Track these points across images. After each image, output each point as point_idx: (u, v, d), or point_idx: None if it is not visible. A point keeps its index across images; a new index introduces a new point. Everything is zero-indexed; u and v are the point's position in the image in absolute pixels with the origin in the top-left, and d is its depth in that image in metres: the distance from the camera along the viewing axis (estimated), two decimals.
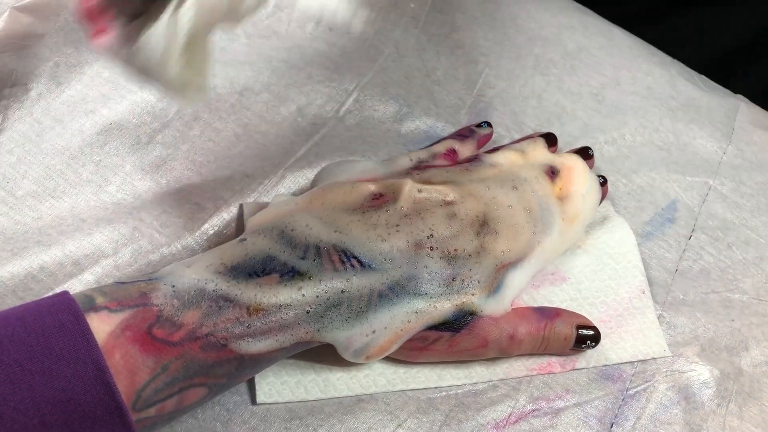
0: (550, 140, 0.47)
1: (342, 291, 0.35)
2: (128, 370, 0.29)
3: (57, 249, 0.40)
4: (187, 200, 0.43)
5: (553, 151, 0.47)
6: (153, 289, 0.32)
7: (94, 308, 0.30)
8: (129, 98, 0.46)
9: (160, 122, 0.46)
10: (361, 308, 0.35)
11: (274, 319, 0.33)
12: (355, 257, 0.36)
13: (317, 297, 0.34)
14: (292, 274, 0.34)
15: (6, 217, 0.41)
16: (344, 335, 0.35)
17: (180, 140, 0.46)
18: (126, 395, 0.29)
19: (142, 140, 0.45)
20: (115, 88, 0.47)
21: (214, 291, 0.33)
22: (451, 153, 0.45)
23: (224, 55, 0.49)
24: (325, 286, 0.35)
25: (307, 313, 0.34)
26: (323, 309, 0.34)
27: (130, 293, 0.31)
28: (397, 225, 0.38)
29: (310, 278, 0.35)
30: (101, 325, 0.29)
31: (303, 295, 0.34)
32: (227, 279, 0.33)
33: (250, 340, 0.33)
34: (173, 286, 0.32)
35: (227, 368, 0.32)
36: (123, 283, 0.32)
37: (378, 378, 0.39)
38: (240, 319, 0.32)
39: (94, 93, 0.46)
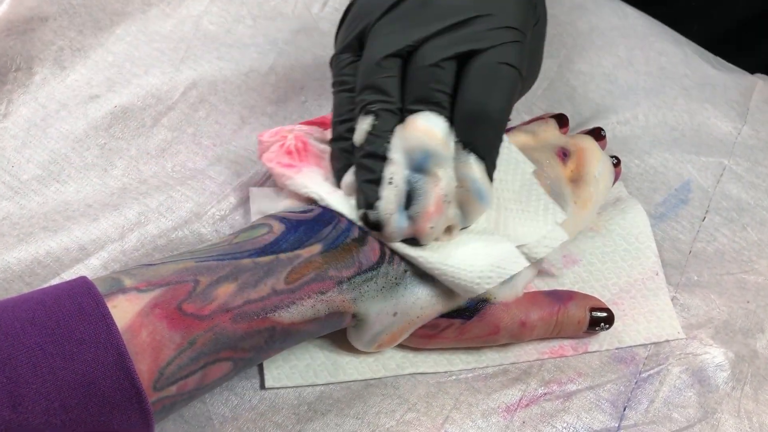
0: (562, 121, 0.46)
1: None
2: (153, 348, 0.29)
3: (63, 234, 0.39)
4: (193, 184, 0.42)
5: (565, 133, 0.46)
6: (185, 267, 0.31)
7: (122, 290, 0.30)
8: (134, 82, 0.46)
9: (165, 105, 0.45)
10: (395, 280, 0.35)
11: (312, 286, 0.33)
12: None
13: None
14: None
15: (12, 201, 0.41)
16: (375, 309, 0.35)
17: (185, 123, 0.45)
18: (148, 374, 0.29)
19: (147, 123, 0.45)
20: (120, 72, 0.46)
21: (253, 264, 0.32)
22: None
23: (229, 37, 0.49)
24: None
25: (346, 281, 0.34)
26: (362, 278, 0.34)
27: (161, 272, 0.31)
28: None
29: None
30: (129, 306, 0.29)
31: None
32: (265, 251, 0.33)
33: (284, 308, 0.32)
34: (208, 263, 0.32)
35: (256, 340, 0.32)
36: (152, 264, 0.32)
37: (387, 362, 0.38)
38: (276, 288, 0.32)
39: (98, 77, 0.46)
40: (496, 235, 0.37)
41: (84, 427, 0.27)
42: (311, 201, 0.37)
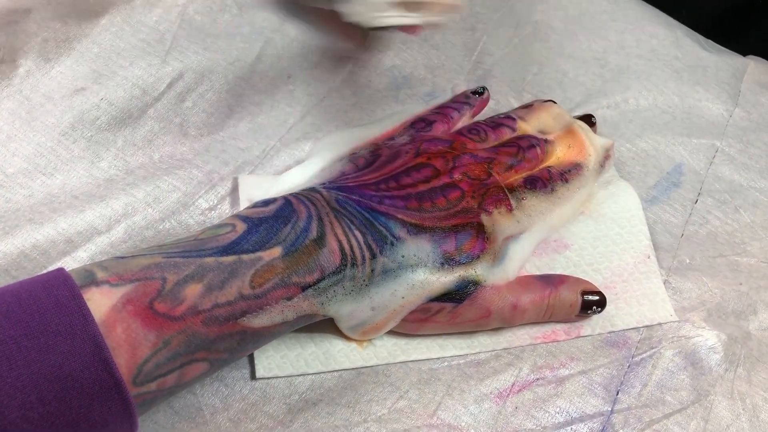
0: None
1: None
2: (130, 345, 0.28)
3: (49, 227, 0.39)
4: (181, 175, 0.42)
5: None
6: (154, 262, 0.31)
7: (95, 282, 0.29)
8: (120, 73, 0.45)
9: (152, 96, 0.45)
10: (364, 281, 0.34)
11: (277, 292, 0.33)
12: None
13: None
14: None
15: None
16: (347, 309, 0.35)
17: (172, 114, 0.45)
18: (127, 369, 0.28)
19: (133, 115, 0.44)
20: (106, 63, 0.46)
21: (216, 263, 0.32)
22: (447, 118, 0.44)
23: (215, 27, 0.48)
24: None
25: (310, 286, 0.33)
26: (327, 283, 0.34)
27: (131, 267, 0.31)
28: None
29: None
30: (102, 300, 0.29)
31: None
32: (228, 250, 0.33)
33: (253, 313, 0.32)
34: (174, 260, 0.32)
35: (229, 343, 0.32)
36: (123, 257, 0.31)
37: (379, 350, 0.38)
38: (242, 293, 0.32)
39: (84, 68, 0.45)
40: None
41: (63, 419, 0.27)
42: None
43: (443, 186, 0.38)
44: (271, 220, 0.34)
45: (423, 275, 0.35)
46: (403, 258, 0.35)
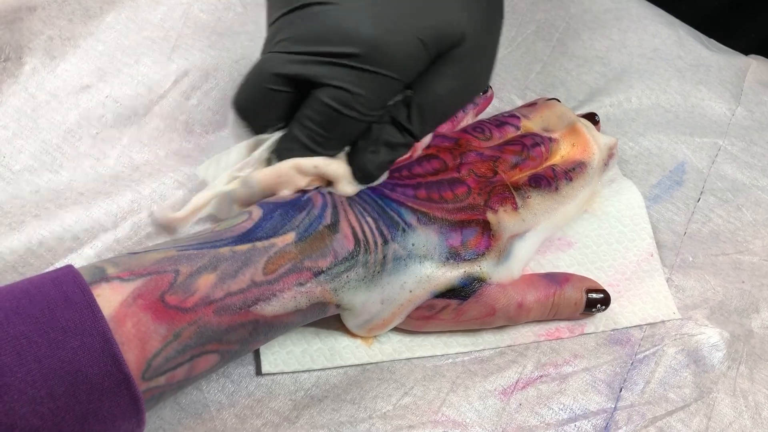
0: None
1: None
2: (139, 339, 0.29)
3: (56, 223, 0.39)
4: (186, 172, 0.42)
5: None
6: (167, 256, 0.31)
7: (106, 278, 0.29)
8: (125, 71, 0.45)
9: (157, 94, 0.45)
10: (376, 268, 0.35)
11: (290, 277, 0.33)
12: None
13: None
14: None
15: (4, 192, 0.40)
16: (360, 299, 0.35)
17: (178, 111, 0.45)
18: (136, 364, 0.28)
19: (139, 112, 0.44)
20: (111, 61, 0.46)
21: (230, 252, 0.32)
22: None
23: (220, 25, 0.48)
24: None
25: (323, 272, 0.34)
26: (340, 268, 0.34)
27: (143, 262, 0.31)
28: None
29: None
30: (113, 295, 0.29)
31: None
32: (242, 239, 0.33)
33: (265, 300, 0.32)
34: (188, 252, 0.32)
35: (241, 333, 0.32)
36: (136, 252, 0.32)
37: (384, 347, 0.38)
38: (255, 280, 0.32)
39: (89, 66, 0.46)
40: None
41: (72, 415, 0.27)
42: None
43: (451, 180, 0.38)
44: (286, 206, 0.35)
45: (430, 269, 0.36)
46: (413, 246, 0.35)
